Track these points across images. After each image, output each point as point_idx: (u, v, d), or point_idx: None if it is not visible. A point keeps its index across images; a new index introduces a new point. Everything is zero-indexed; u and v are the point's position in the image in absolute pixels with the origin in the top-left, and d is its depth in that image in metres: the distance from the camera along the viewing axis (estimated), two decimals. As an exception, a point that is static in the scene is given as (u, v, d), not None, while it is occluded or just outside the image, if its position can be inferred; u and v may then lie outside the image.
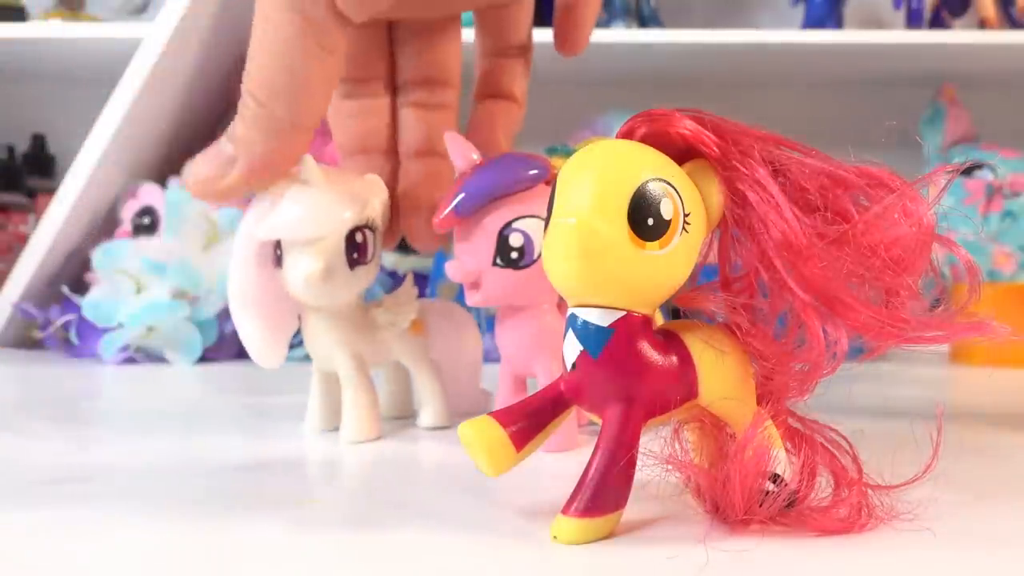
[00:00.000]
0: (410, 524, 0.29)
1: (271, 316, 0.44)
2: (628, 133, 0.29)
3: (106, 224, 0.98)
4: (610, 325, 0.27)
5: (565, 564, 0.25)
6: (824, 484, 0.29)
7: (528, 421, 0.29)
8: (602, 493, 0.27)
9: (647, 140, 0.28)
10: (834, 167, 0.28)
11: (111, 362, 0.83)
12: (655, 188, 0.26)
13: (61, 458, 0.41)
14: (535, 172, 0.41)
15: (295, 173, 0.43)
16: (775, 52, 1.03)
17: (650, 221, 0.26)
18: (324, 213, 0.42)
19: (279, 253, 0.43)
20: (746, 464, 0.27)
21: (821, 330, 0.27)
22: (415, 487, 0.35)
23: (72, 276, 0.96)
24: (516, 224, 0.40)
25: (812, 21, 1.05)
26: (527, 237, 0.40)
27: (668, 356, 0.28)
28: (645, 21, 1.06)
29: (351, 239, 0.43)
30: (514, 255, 0.41)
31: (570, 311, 0.28)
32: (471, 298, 0.42)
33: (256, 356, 0.44)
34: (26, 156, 1.10)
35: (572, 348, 0.28)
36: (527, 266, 0.41)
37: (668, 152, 0.28)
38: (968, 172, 1.04)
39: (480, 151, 0.42)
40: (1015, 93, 1.17)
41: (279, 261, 0.43)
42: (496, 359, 0.47)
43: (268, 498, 0.33)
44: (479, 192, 0.41)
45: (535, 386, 0.34)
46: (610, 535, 0.27)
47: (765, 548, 0.26)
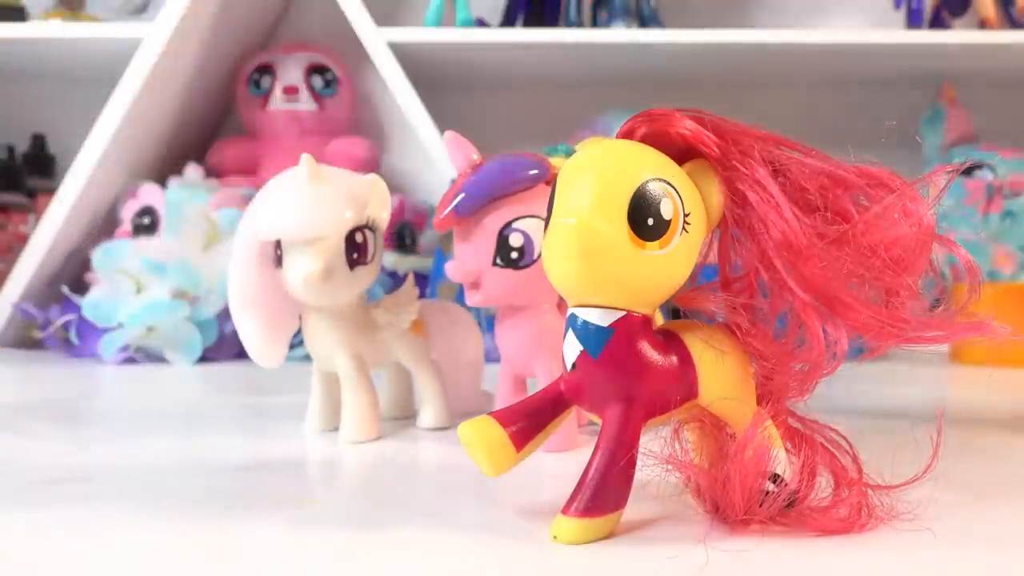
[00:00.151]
0: (410, 524, 0.29)
1: (271, 316, 0.44)
2: (628, 133, 0.29)
3: (106, 224, 0.98)
4: (610, 325, 0.27)
5: (565, 564, 0.25)
6: (824, 484, 0.29)
7: (528, 421, 0.29)
8: (602, 493, 0.27)
9: (647, 140, 0.28)
10: (834, 167, 0.28)
11: (111, 362, 0.83)
12: (655, 188, 0.26)
13: (61, 458, 0.41)
14: (535, 172, 0.41)
15: (295, 173, 0.43)
16: (775, 52, 1.02)
17: (650, 221, 0.26)
18: (324, 213, 0.42)
19: (279, 253, 0.43)
20: (746, 464, 0.27)
21: (821, 330, 0.27)
22: (415, 487, 0.35)
23: (72, 276, 0.96)
24: (516, 224, 0.40)
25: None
26: (527, 237, 0.40)
27: (668, 356, 0.28)
28: (645, 21, 1.06)
29: (351, 239, 0.43)
30: (514, 255, 0.41)
31: (570, 311, 0.28)
32: (471, 298, 0.42)
33: (256, 356, 0.44)
34: (26, 156, 1.10)
35: (572, 348, 0.28)
36: (527, 266, 0.41)
37: (668, 152, 0.28)
38: (968, 172, 1.04)
39: None
40: (1015, 93, 1.17)
41: (279, 261, 0.43)
42: (496, 359, 0.47)
43: (268, 498, 0.33)
44: (479, 192, 0.41)
45: (535, 386, 0.34)
46: (610, 535, 0.27)
47: (765, 548, 0.26)
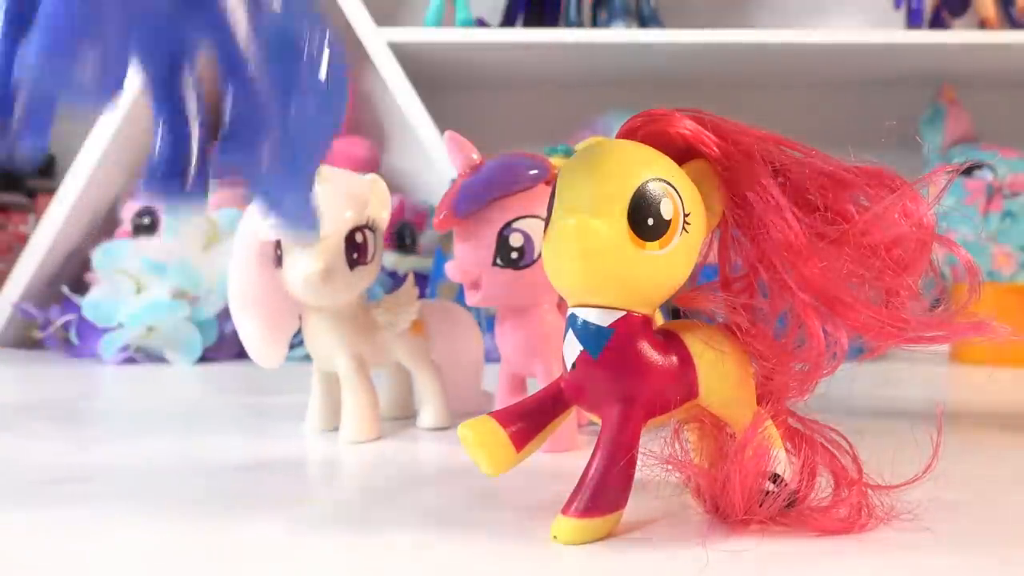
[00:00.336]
0: (410, 524, 0.29)
1: (271, 316, 0.44)
2: (628, 133, 0.29)
3: (106, 224, 0.98)
4: (610, 325, 0.27)
5: (565, 564, 0.25)
6: (824, 484, 0.29)
7: (528, 421, 0.29)
8: (602, 493, 0.27)
9: (647, 140, 0.28)
10: (834, 167, 0.28)
11: (111, 362, 0.83)
12: (655, 188, 0.26)
13: (61, 458, 0.41)
14: (535, 172, 0.41)
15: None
16: (775, 52, 1.02)
17: (650, 221, 0.26)
18: (324, 213, 0.42)
19: (279, 253, 0.43)
20: (746, 464, 0.27)
21: (821, 330, 0.27)
22: (415, 487, 0.35)
23: (72, 276, 0.96)
24: (516, 224, 0.40)
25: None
26: (527, 237, 0.40)
27: (668, 356, 0.28)
28: (645, 21, 1.06)
29: (351, 239, 0.43)
30: (514, 255, 0.41)
31: (570, 311, 0.28)
32: (471, 298, 0.42)
33: (256, 356, 0.44)
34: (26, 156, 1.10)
35: (572, 348, 0.28)
36: (527, 266, 0.41)
37: (668, 152, 0.28)
38: (968, 172, 1.04)
39: None
40: (1015, 93, 1.17)
41: (279, 261, 0.43)
42: (496, 359, 0.47)
43: (268, 498, 0.33)
44: (479, 192, 0.41)
45: (535, 386, 0.34)
46: (610, 535, 0.27)
47: (765, 548, 0.26)
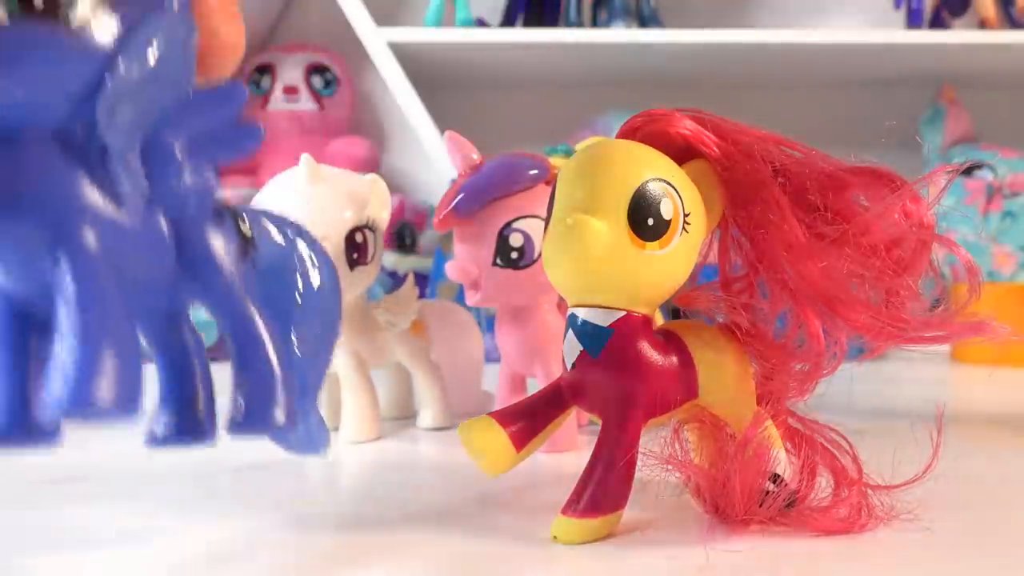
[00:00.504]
0: (410, 524, 0.29)
1: (271, 316, 0.44)
2: (628, 133, 0.29)
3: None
4: (610, 325, 0.27)
5: (565, 564, 0.25)
6: (824, 484, 0.29)
7: (528, 421, 0.29)
8: (602, 493, 0.27)
9: (647, 140, 0.28)
10: (834, 167, 0.28)
11: (111, 362, 0.83)
12: (655, 188, 0.26)
13: (61, 458, 0.41)
14: (535, 172, 0.41)
15: (295, 173, 0.43)
16: (775, 52, 1.02)
17: (650, 221, 0.26)
18: (324, 213, 0.42)
19: (279, 253, 0.43)
20: (746, 464, 0.27)
21: (821, 330, 0.27)
22: (415, 487, 0.35)
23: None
24: (516, 224, 0.40)
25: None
26: (527, 237, 0.40)
27: (668, 356, 0.28)
28: (645, 21, 1.06)
29: (351, 239, 0.43)
30: (514, 255, 0.41)
31: (570, 311, 0.28)
32: (471, 298, 0.42)
33: (256, 356, 0.44)
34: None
35: (572, 348, 0.28)
36: (527, 266, 0.41)
37: (668, 152, 0.28)
38: (968, 172, 1.04)
39: None
40: (1015, 93, 1.17)
41: (279, 261, 0.43)
42: (496, 359, 0.47)
43: (268, 498, 0.33)
44: (479, 192, 0.41)
45: (535, 386, 0.34)
46: (610, 535, 0.27)
47: (765, 548, 0.26)
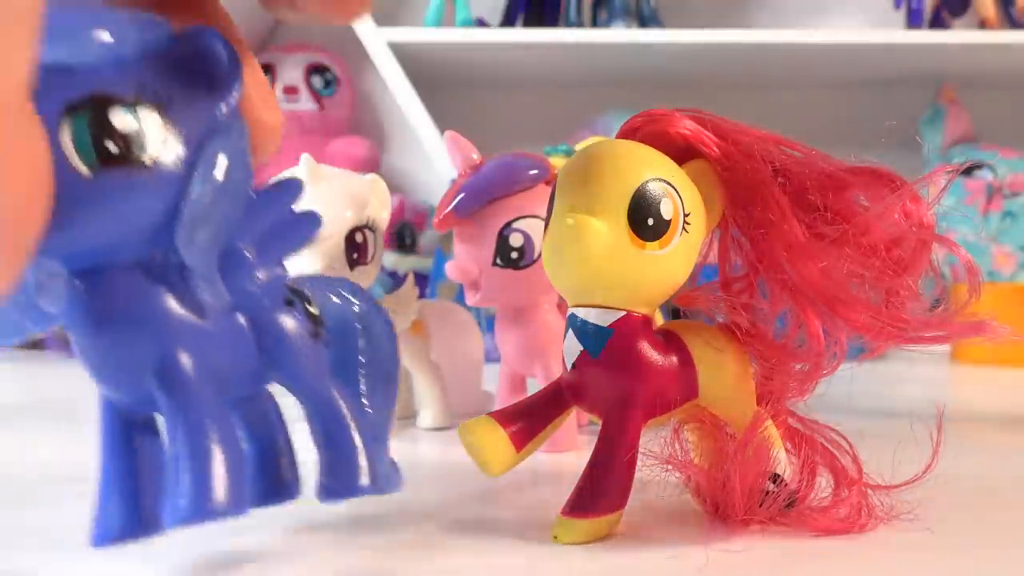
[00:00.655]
0: (410, 524, 0.29)
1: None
2: (628, 133, 0.29)
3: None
4: (610, 325, 0.27)
5: (565, 564, 0.25)
6: (824, 484, 0.29)
7: (528, 421, 0.29)
8: (602, 493, 0.27)
9: (647, 140, 0.28)
10: (834, 167, 0.28)
11: (111, 362, 0.83)
12: (655, 188, 0.26)
13: (61, 458, 0.41)
14: (535, 172, 0.41)
15: (295, 173, 0.43)
16: (775, 52, 1.03)
17: (650, 221, 0.26)
18: (324, 213, 0.42)
19: (279, 253, 0.43)
20: (746, 464, 0.27)
21: (821, 330, 0.27)
22: (415, 487, 0.35)
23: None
24: (516, 224, 0.40)
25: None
26: (527, 237, 0.40)
27: (668, 356, 0.28)
28: (645, 21, 1.06)
29: (351, 239, 0.43)
30: (514, 255, 0.41)
31: (570, 311, 0.28)
32: (471, 298, 0.42)
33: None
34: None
35: (572, 348, 0.28)
36: (527, 266, 0.41)
37: (668, 152, 0.28)
38: (968, 172, 1.04)
39: None
40: (1015, 93, 1.17)
41: (279, 261, 0.43)
42: (496, 359, 0.47)
43: (268, 498, 0.33)
44: (479, 192, 0.41)
45: (535, 386, 0.34)
46: (610, 535, 0.27)
47: (765, 548, 0.26)
